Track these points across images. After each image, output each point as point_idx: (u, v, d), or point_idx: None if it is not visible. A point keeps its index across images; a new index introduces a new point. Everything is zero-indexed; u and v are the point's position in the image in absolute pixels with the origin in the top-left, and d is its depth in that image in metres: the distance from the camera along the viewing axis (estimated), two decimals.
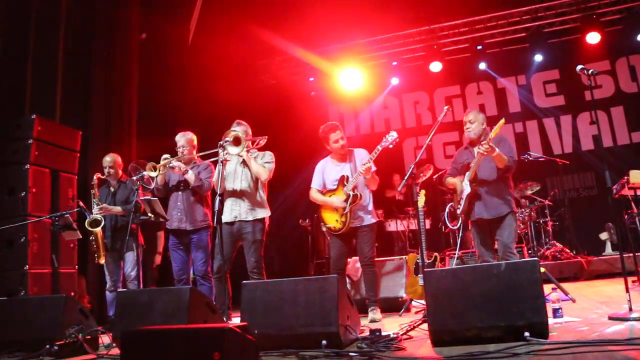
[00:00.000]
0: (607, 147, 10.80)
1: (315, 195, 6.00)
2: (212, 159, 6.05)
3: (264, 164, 5.76)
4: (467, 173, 5.28)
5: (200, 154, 6.18)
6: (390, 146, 5.65)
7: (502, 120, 5.02)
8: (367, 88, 12.49)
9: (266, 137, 5.93)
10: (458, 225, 5.53)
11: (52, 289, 6.09)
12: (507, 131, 11.77)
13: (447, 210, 5.94)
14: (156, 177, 5.97)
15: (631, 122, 11.15)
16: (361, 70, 12.10)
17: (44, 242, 6.17)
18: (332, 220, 5.80)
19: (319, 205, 5.99)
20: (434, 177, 9.32)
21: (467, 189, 5.27)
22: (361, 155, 5.91)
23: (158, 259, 7.94)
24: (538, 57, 11.66)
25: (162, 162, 5.93)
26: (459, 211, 5.43)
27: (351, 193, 5.69)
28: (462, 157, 5.55)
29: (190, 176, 6.00)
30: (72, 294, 6.36)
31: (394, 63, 12.35)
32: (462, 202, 5.33)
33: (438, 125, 5.36)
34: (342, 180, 5.79)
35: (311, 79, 12.89)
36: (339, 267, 5.87)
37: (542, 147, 11.63)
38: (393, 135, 5.58)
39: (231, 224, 5.71)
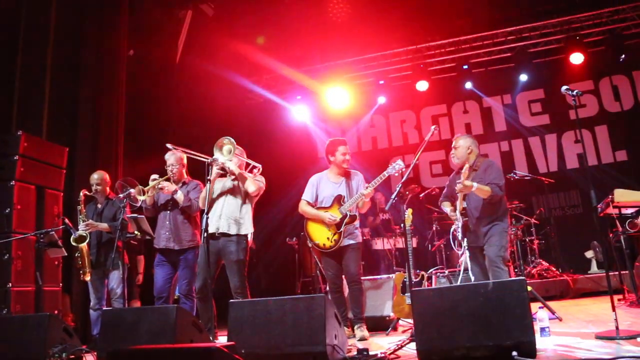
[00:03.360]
0: (591, 166, 10.88)
1: (305, 207, 5.98)
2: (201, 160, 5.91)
3: (254, 179, 5.75)
4: (457, 203, 5.32)
5: (192, 153, 6.09)
6: (396, 174, 5.71)
7: (466, 166, 5.15)
8: (354, 107, 12.54)
9: (260, 166, 5.92)
10: (462, 251, 5.54)
11: (36, 307, 6.01)
12: (492, 150, 11.87)
13: (451, 233, 5.96)
14: (144, 199, 5.93)
15: (615, 141, 11.27)
16: (348, 89, 12.16)
17: (28, 260, 6.10)
18: (322, 237, 5.79)
19: (306, 219, 5.98)
20: (421, 195, 9.35)
21: (460, 220, 5.29)
22: (357, 180, 5.96)
23: (140, 278, 7.93)
24: (523, 77, 11.79)
25: (150, 184, 5.89)
26: (459, 235, 5.43)
27: (349, 213, 5.72)
28: (453, 182, 5.54)
29: (179, 196, 5.97)
30: (56, 312, 6.27)
31: (381, 82, 12.40)
32: (459, 231, 5.35)
33: (425, 145, 5.38)
34: (339, 200, 5.81)
35: (298, 97, 12.90)
36: (338, 285, 5.91)
37: (528, 165, 11.71)
38: (400, 164, 5.62)
39: (214, 238, 5.59)
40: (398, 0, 10.61)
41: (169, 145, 6.19)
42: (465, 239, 5.36)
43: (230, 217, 5.68)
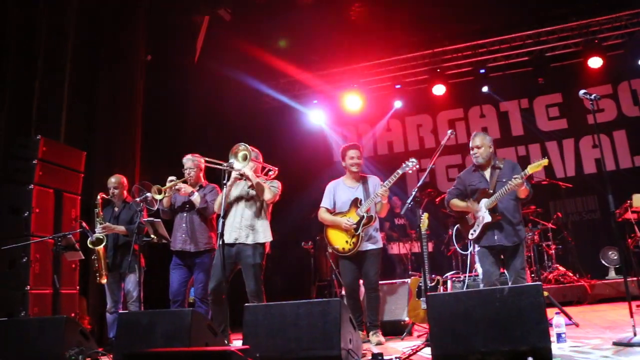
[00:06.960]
0: (609, 171, 10.74)
1: (324, 215, 5.99)
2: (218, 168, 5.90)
3: (269, 186, 5.74)
4: (485, 200, 5.16)
5: (209, 160, 6.10)
6: (410, 172, 5.68)
7: (545, 160, 4.91)
8: (370, 111, 12.52)
9: (277, 168, 5.92)
10: (469, 250, 5.46)
11: (53, 310, 6.07)
12: (510, 154, 11.78)
13: (454, 231, 5.87)
14: (161, 199, 5.97)
15: (634, 146, 11.11)
16: (364, 93, 12.14)
17: (45, 263, 6.16)
18: (341, 241, 5.79)
19: (325, 226, 5.98)
20: (437, 200, 9.32)
21: (487, 218, 5.12)
22: (374, 183, 5.95)
23: None
24: (541, 81, 11.67)
25: (168, 185, 5.94)
26: (472, 236, 5.29)
27: (365, 214, 5.71)
28: (471, 179, 5.41)
29: (196, 198, 6.02)
30: (73, 315, 6.33)
31: (398, 86, 12.37)
32: (478, 229, 5.21)
33: (441, 149, 5.33)
34: (355, 203, 5.81)
35: (315, 101, 12.88)
36: (355, 291, 5.89)
37: (545, 170, 11.55)
38: (413, 162, 5.58)
39: (231, 245, 5.59)
40: (415, 4, 10.58)
41: (188, 156, 6.28)
42: (474, 240, 5.27)
43: (247, 226, 5.64)
